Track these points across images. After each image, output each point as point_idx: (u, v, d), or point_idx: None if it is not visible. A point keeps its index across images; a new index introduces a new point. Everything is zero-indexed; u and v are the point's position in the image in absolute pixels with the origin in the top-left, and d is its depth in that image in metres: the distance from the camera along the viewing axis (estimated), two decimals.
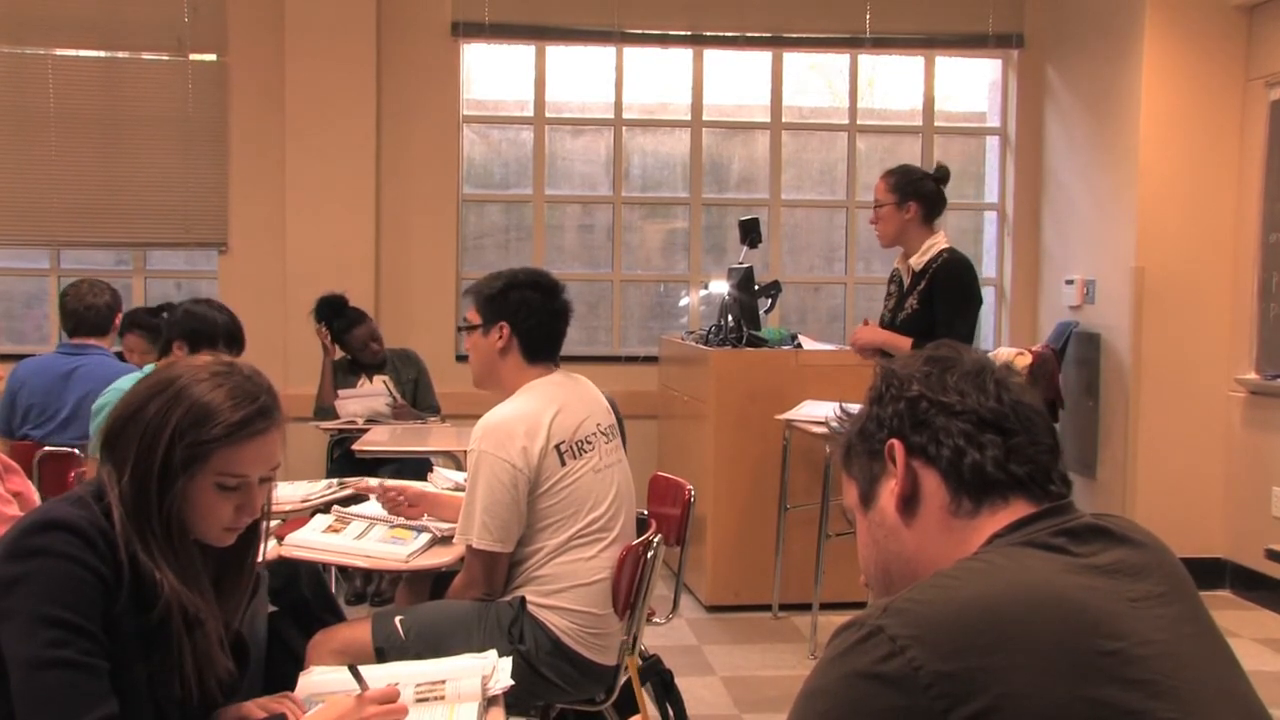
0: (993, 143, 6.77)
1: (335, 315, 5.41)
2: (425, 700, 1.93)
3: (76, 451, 3.95)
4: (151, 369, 2.11)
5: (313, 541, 2.89)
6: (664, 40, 6.43)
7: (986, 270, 6.68)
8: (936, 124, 6.69)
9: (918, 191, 4.20)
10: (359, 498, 3.32)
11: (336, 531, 2.95)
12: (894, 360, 1.37)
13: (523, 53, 6.42)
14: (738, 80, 6.62)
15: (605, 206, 6.57)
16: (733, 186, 6.71)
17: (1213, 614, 1.22)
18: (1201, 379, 5.56)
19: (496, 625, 2.70)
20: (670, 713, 3.11)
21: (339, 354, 5.47)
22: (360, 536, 2.94)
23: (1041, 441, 1.26)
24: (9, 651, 1.60)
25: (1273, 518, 5.24)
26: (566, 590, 2.75)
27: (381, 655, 2.59)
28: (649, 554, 2.81)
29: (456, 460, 4.58)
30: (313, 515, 3.11)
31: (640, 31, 6.38)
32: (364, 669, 1.88)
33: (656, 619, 3.36)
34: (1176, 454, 5.55)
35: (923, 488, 1.26)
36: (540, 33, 6.34)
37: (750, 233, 5.29)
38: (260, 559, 1.95)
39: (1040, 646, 1.05)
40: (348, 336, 5.42)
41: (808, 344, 5.39)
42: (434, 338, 6.13)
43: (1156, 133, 5.53)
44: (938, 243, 4.18)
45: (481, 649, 2.25)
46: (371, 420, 5.17)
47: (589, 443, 2.84)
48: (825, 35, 6.49)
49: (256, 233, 6.14)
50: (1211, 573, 5.46)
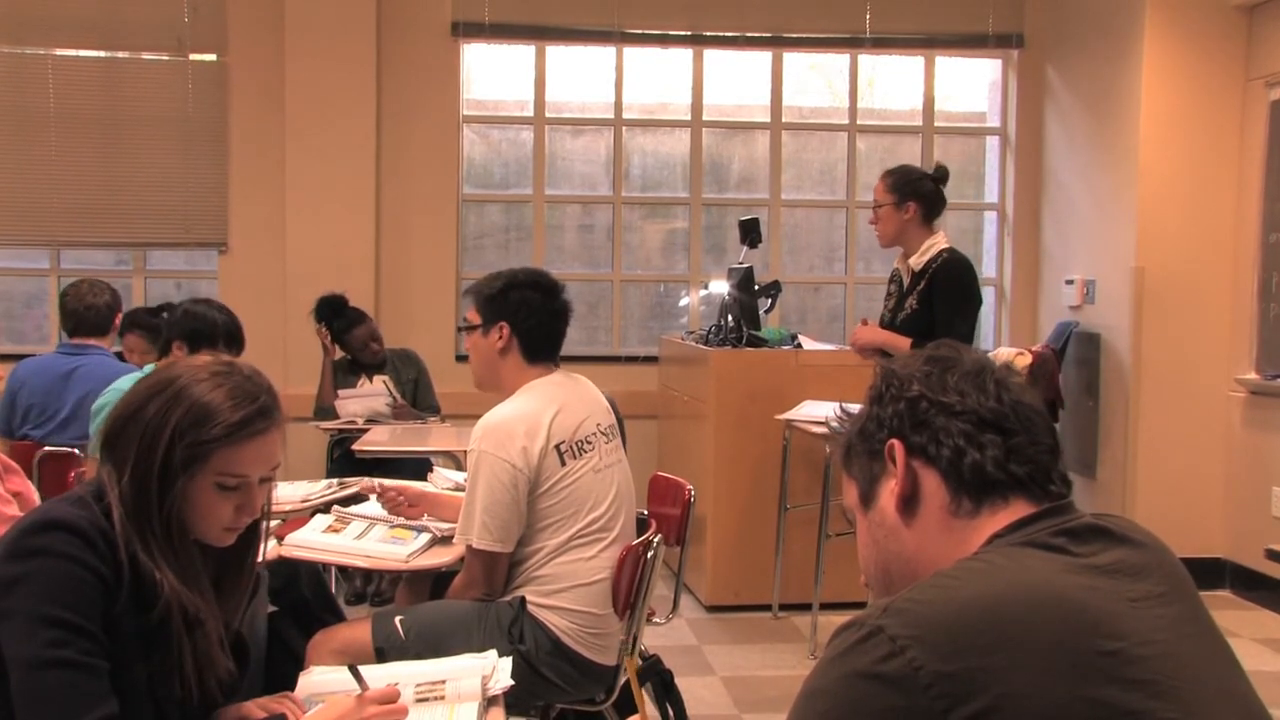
0: (993, 143, 6.77)
1: (335, 315, 5.41)
2: (425, 700, 1.93)
3: (76, 451, 3.95)
4: (151, 369, 2.11)
5: (313, 541, 2.89)
6: (664, 40, 6.43)
7: (986, 270, 6.68)
8: (936, 124, 6.69)
9: (916, 191, 4.20)
10: (359, 498, 3.32)
11: (336, 531, 2.95)
12: (894, 360, 1.37)
13: (523, 53, 6.42)
14: (738, 80, 6.62)
15: (605, 206, 6.57)
16: (733, 186, 6.71)
17: (1213, 614, 1.22)
18: (1201, 379, 5.56)
19: (496, 625, 2.70)
20: (670, 713, 3.11)
21: (339, 354, 5.47)
22: (360, 536, 2.94)
23: (1041, 441, 1.26)
24: (9, 651, 1.60)
25: (1273, 518, 5.24)
26: (566, 590, 2.75)
27: (381, 655, 2.59)
28: (649, 554, 2.81)
29: (456, 460, 4.57)
30: (313, 515, 3.11)
31: (640, 31, 6.38)
32: (364, 669, 1.88)
33: (656, 619, 3.36)
34: (1176, 454, 5.55)
35: (923, 488, 1.26)
36: (540, 33, 6.34)
37: (750, 233, 5.29)
38: (260, 559, 1.95)
39: (1040, 646, 1.05)
40: (348, 336, 5.42)
41: (808, 344, 5.38)
42: (434, 338, 6.13)
43: (1156, 133, 5.53)
44: (937, 243, 4.18)
45: (481, 649, 2.25)
46: (371, 420, 5.17)
47: (589, 443, 2.84)
48: (825, 35, 6.49)
49: (256, 233, 6.14)
50: (1211, 573, 5.46)
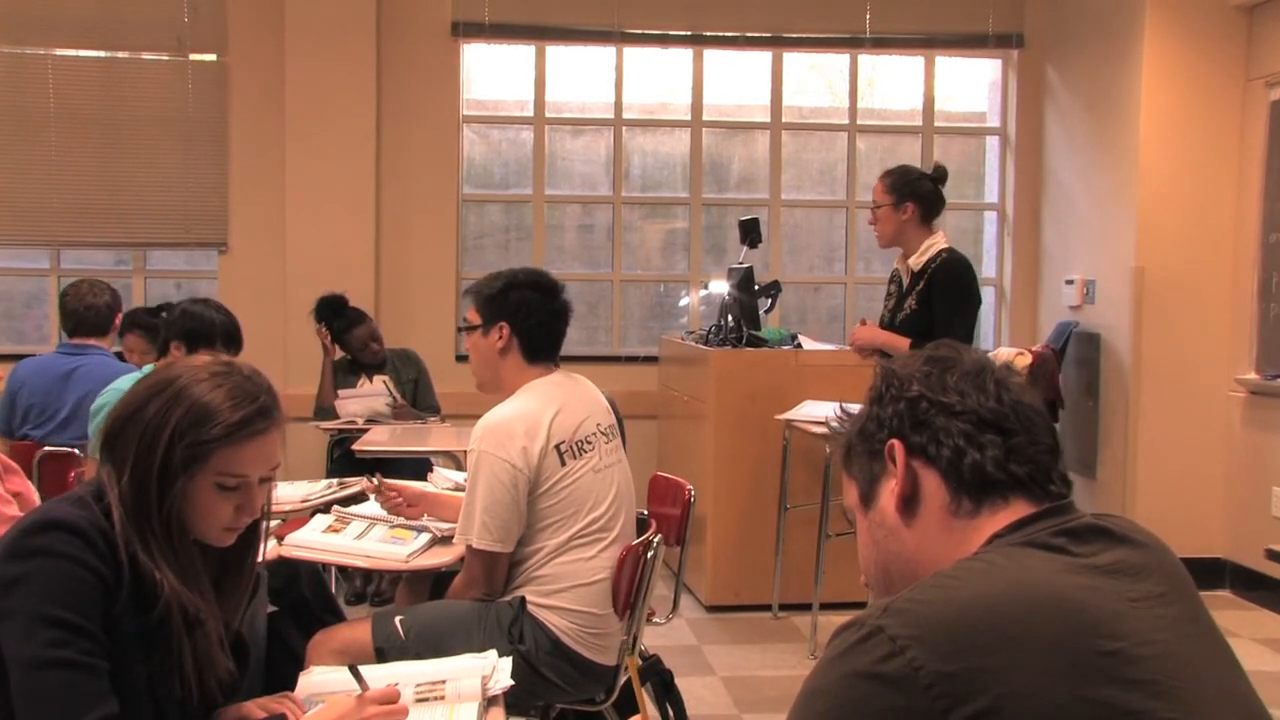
0: (993, 143, 6.77)
1: (335, 315, 5.41)
2: (425, 700, 1.93)
3: (76, 451, 3.95)
4: (150, 369, 2.11)
5: (313, 541, 2.89)
6: (664, 40, 6.43)
7: (986, 270, 6.68)
8: (936, 124, 6.69)
9: (915, 192, 4.20)
10: (359, 498, 3.32)
11: (336, 531, 2.95)
12: (894, 360, 1.37)
13: (523, 53, 6.42)
14: (738, 80, 6.62)
15: (605, 206, 6.57)
16: (733, 186, 6.71)
17: (1213, 614, 1.22)
18: (1201, 379, 5.56)
19: (496, 625, 2.70)
20: (670, 713, 3.11)
21: (339, 354, 5.47)
22: (360, 536, 2.94)
23: (1041, 441, 1.26)
24: (9, 651, 1.60)
25: (1273, 518, 5.24)
26: (566, 590, 2.75)
27: (381, 655, 2.59)
28: (649, 554, 2.81)
29: (456, 460, 4.57)
30: (313, 515, 3.11)
31: (640, 31, 6.38)
32: (364, 669, 1.88)
33: (656, 619, 3.36)
34: (1176, 454, 5.55)
35: (923, 488, 1.26)
36: (540, 33, 6.34)
37: (750, 233, 5.29)
38: (260, 559, 1.95)
39: (1040, 646, 1.05)
40: (348, 336, 5.41)
41: (808, 344, 5.39)
42: (434, 338, 6.13)
43: (1156, 133, 5.53)
44: (936, 243, 4.18)
45: (481, 649, 2.25)
46: (371, 420, 5.17)
47: (589, 443, 2.84)
48: (825, 35, 6.49)
49: (256, 233, 6.14)
50: (1211, 573, 5.46)
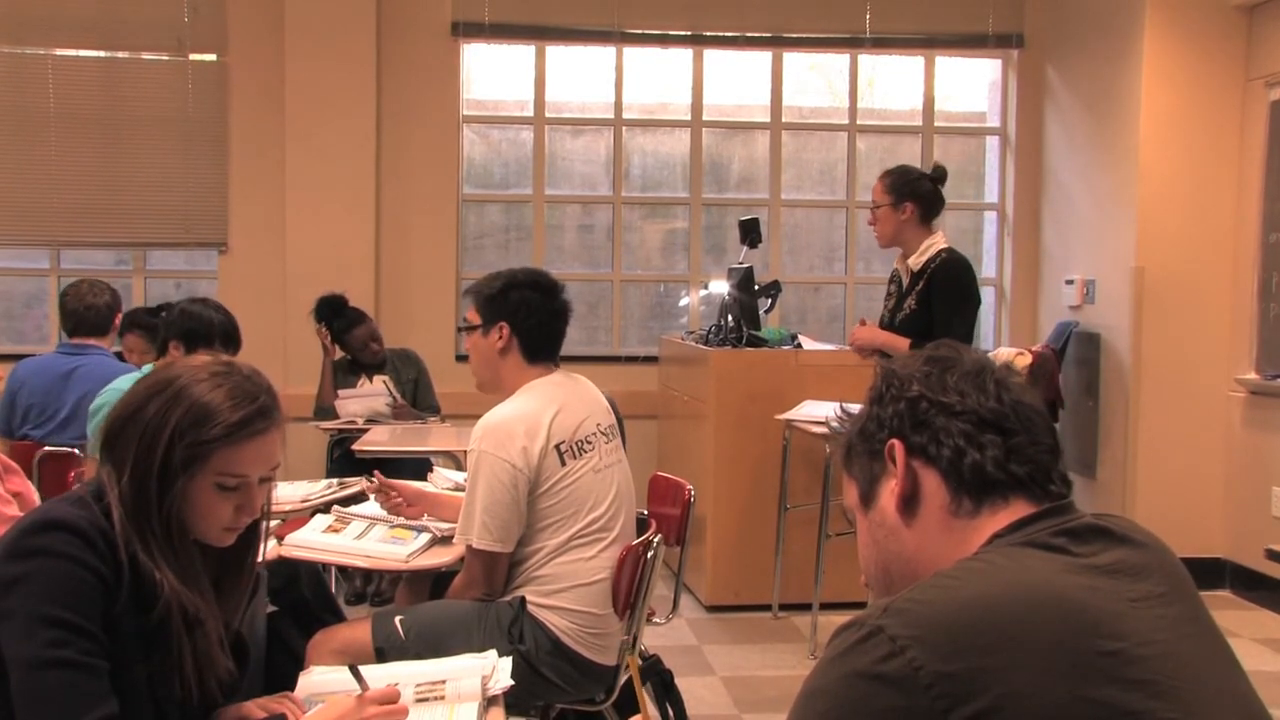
0: (993, 143, 6.77)
1: (335, 315, 5.41)
2: (425, 700, 1.93)
3: (76, 451, 3.95)
4: (149, 369, 2.11)
5: (313, 541, 2.89)
6: (664, 40, 6.43)
7: (986, 270, 6.68)
8: (936, 124, 6.69)
9: (914, 192, 4.20)
10: (359, 498, 3.32)
11: (336, 531, 2.95)
12: (894, 360, 1.37)
13: (523, 53, 6.42)
14: (738, 80, 6.62)
15: (605, 206, 6.57)
16: (733, 186, 6.71)
17: (1213, 614, 1.22)
18: (1201, 379, 5.56)
19: (496, 625, 2.70)
20: (670, 713, 3.11)
21: (339, 354, 5.47)
22: (360, 536, 2.94)
23: (1042, 441, 1.26)
24: (9, 651, 1.60)
25: (1273, 518, 5.24)
26: (566, 590, 2.75)
27: (381, 655, 2.59)
28: (649, 554, 2.81)
29: (456, 460, 4.57)
30: (313, 515, 3.11)
31: (640, 31, 6.38)
32: (364, 669, 1.88)
33: (656, 619, 3.36)
34: (1176, 454, 5.55)
35: (923, 488, 1.26)
36: (540, 33, 6.33)
37: (750, 233, 5.29)
38: (260, 559, 1.95)
39: (1040, 646, 1.05)
40: (348, 336, 5.41)
41: (808, 344, 5.38)
42: (434, 338, 6.13)
43: (1156, 133, 5.53)
44: (936, 243, 4.18)
45: (481, 649, 2.25)
46: (371, 420, 5.17)
47: (589, 443, 2.84)
48: (825, 35, 6.49)
49: (256, 233, 6.14)
50: (1211, 573, 5.46)
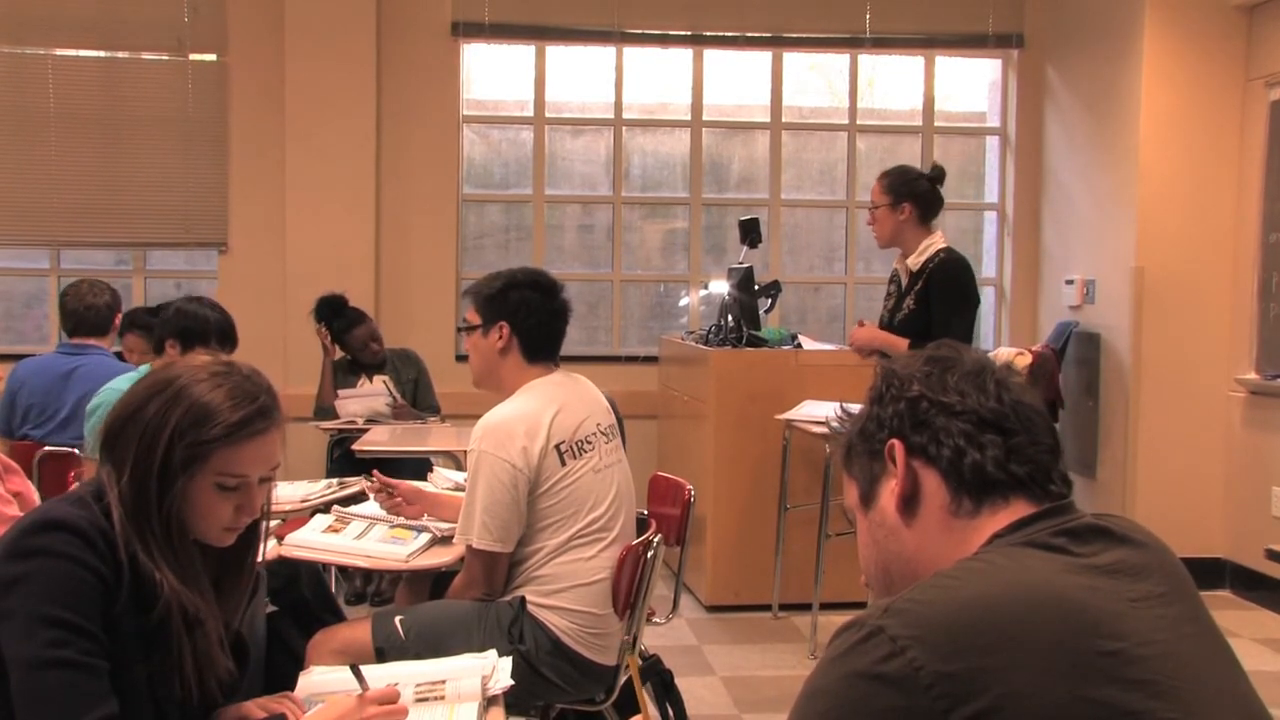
0: (993, 143, 6.77)
1: (335, 315, 5.41)
2: (425, 700, 1.93)
3: (76, 451, 3.95)
4: (146, 369, 2.11)
5: (313, 541, 2.89)
6: (664, 40, 6.43)
7: (986, 270, 6.68)
8: (936, 124, 6.69)
9: (912, 192, 4.20)
10: (359, 497, 3.32)
11: (336, 531, 2.95)
12: (894, 360, 1.37)
13: (523, 53, 6.42)
14: (738, 80, 6.62)
15: (605, 206, 6.57)
16: (733, 186, 6.71)
17: (1213, 614, 1.22)
18: (1201, 379, 5.56)
19: (496, 625, 2.70)
20: (670, 713, 3.11)
21: (339, 354, 5.47)
22: (360, 536, 2.94)
23: (1042, 441, 1.26)
24: (9, 651, 1.60)
25: (1273, 518, 5.24)
26: (566, 590, 2.75)
27: (381, 655, 2.59)
28: (649, 554, 2.81)
29: (456, 460, 4.57)
30: (313, 515, 3.11)
31: (640, 31, 6.38)
32: (363, 669, 1.88)
33: (656, 619, 3.36)
34: (1176, 454, 5.55)
35: (923, 488, 1.26)
36: (540, 33, 6.33)
37: (750, 233, 5.29)
38: (260, 559, 1.95)
39: (1040, 646, 1.05)
40: (348, 336, 5.41)
41: (808, 344, 5.39)
42: (434, 338, 6.13)
43: (1156, 133, 5.53)
44: (935, 243, 4.18)
45: (481, 649, 2.25)
46: (371, 420, 5.17)
47: (589, 443, 2.84)
48: (825, 35, 6.49)
49: (256, 233, 6.14)
50: (1211, 573, 5.46)
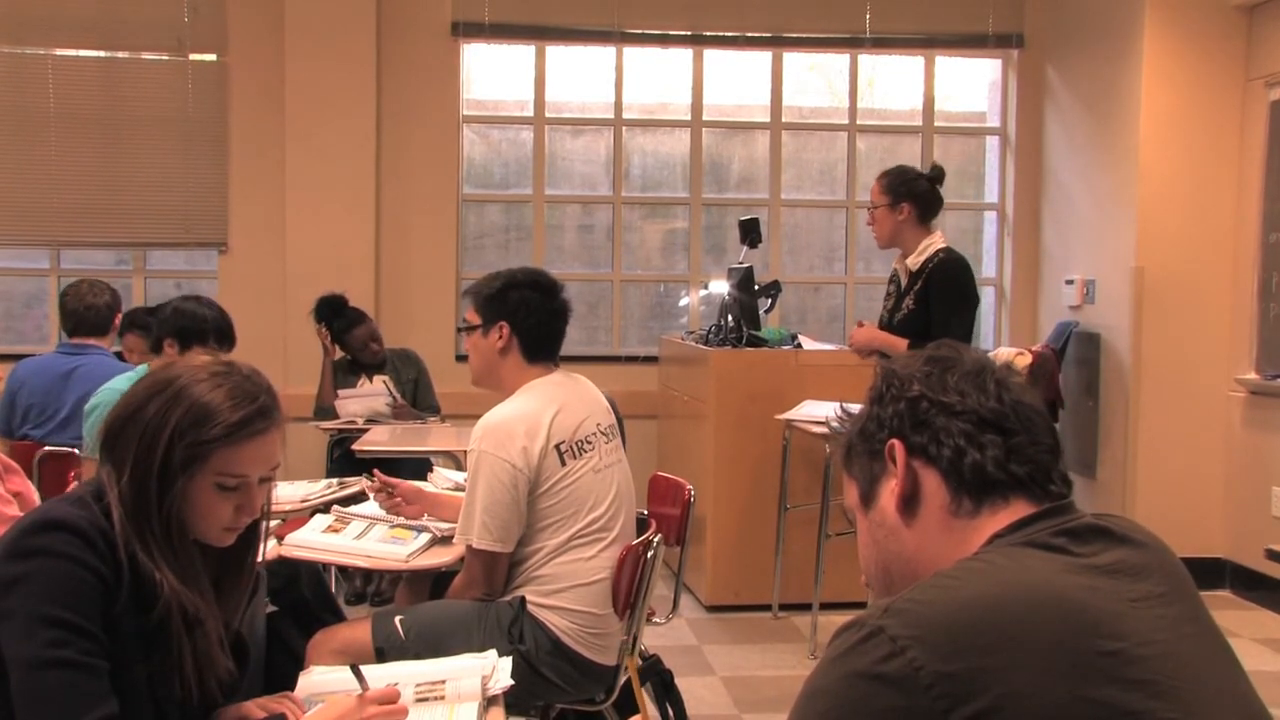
0: (993, 143, 6.77)
1: (335, 315, 5.41)
2: (425, 700, 1.93)
3: (76, 451, 3.95)
4: (145, 369, 2.11)
5: (313, 541, 2.89)
6: (664, 40, 6.43)
7: (986, 270, 6.68)
8: (936, 124, 6.69)
9: (911, 192, 4.20)
10: (359, 497, 3.32)
11: (336, 531, 2.95)
12: (894, 360, 1.37)
13: (523, 53, 6.42)
14: (738, 80, 6.62)
15: (605, 206, 6.57)
16: (733, 186, 6.71)
17: (1213, 614, 1.22)
18: (1201, 379, 5.56)
19: (496, 625, 2.70)
20: (670, 713, 3.11)
21: (339, 354, 5.47)
22: (360, 536, 2.94)
23: (1042, 441, 1.26)
24: (9, 651, 1.60)
25: (1273, 518, 5.24)
26: (566, 590, 2.75)
27: (381, 655, 2.59)
28: (649, 554, 2.81)
29: (456, 460, 4.57)
30: (313, 515, 3.11)
31: (640, 31, 6.38)
32: (363, 669, 1.88)
33: (656, 619, 3.36)
34: (1176, 454, 5.55)
35: (923, 488, 1.26)
36: (540, 33, 6.33)
37: (750, 233, 5.29)
38: (260, 559, 1.95)
39: (1040, 646, 1.05)
40: (347, 336, 5.41)
41: (808, 344, 5.38)
42: (434, 338, 6.13)
43: (1156, 133, 5.53)
44: (934, 243, 4.18)
45: (481, 649, 2.25)
46: (371, 420, 5.17)
47: (589, 443, 2.84)
48: (825, 35, 6.49)
49: (256, 233, 6.14)
50: (1211, 573, 5.46)
